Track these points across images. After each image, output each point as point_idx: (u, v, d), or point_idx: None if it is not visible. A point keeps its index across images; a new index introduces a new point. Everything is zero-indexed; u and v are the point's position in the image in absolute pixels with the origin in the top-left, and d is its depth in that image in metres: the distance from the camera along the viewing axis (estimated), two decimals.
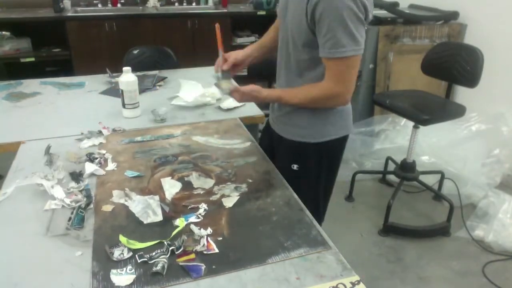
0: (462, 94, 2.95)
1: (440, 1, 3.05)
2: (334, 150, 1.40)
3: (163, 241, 0.97)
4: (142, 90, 1.95)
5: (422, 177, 2.50)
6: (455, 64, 2.35)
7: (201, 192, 1.19)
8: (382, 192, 2.72)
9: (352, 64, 1.16)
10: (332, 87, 1.20)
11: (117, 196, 1.16)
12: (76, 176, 1.25)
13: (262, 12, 4.03)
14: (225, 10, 4.04)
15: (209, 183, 1.24)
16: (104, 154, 1.38)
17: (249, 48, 1.50)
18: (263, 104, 1.83)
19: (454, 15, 2.95)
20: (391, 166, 2.69)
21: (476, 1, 2.87)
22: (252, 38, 4.17)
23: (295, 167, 1.37)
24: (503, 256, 2.10)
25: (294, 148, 1.37)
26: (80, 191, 1.18)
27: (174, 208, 1.11)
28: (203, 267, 0.90)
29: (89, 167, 1.29)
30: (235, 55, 1.46)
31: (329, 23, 1.09)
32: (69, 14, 3.66)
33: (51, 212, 1.10)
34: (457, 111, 2.29)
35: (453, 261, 2.10)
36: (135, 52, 2.66)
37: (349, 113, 1.38)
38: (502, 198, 2.30)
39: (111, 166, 1.32)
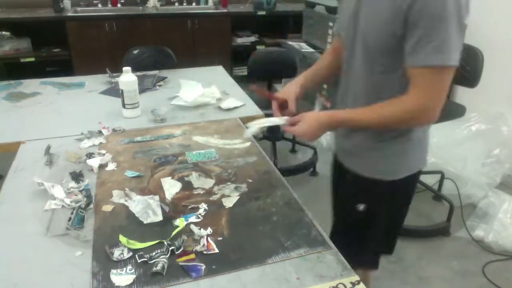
0: (462, 94, 2.95)
1: None
2: (408, 187, 1.19)
3: (163, 241, 0.97)
4: (142, 90, 1.95)
5: (422, 177, 2.49)
6: None
7: (201, 192, 1.19)
8: None
9: (449, 75, 0.95)
10: (422, 101, 0.96)
11: (117, 196, 1.16)
12: (76, 176, 1.25)
13: (262, 12, 4.03)
14: (225, 10, 4.04)
15: (209, 183, 1.24)
16: (104, 154, 1.38)
17: (302, 80, 1.29)
18: (263, 105, 1.82)
19: None
20: None
21: (476, 1, 2.87)
22: (252, 38, 4.17)
23: (361, 207, 1.18)
24: (503, 256, 2.10)
25: (362, 185, 1.17)
26: (80, 191, 1.18)
27: (174, 208, 1.11)
28: (203, 267, 0.90)
29: (94, 162, 1.31)
30: (293, 97, 1.23)
31: (431, 23, 0.89)
32: (69, 14, 3.66)
33: (51, 212, 1.10)
34: (457, 111, 2.28)
35: (453, 261, 2.10)
36: (135, 52, 2.66)
37: (428, 141, 1.17)
38: (502, 198, 2.29)
39: (111, 166, 1.32)
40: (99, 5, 4.03)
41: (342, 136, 1.22)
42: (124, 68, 1.67)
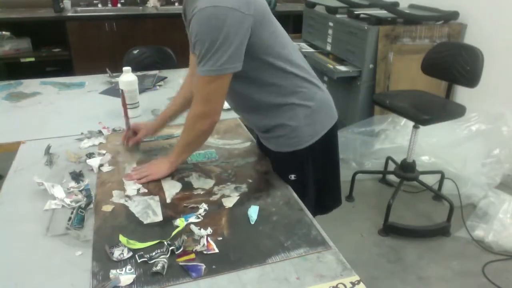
0: (462, 94, 2.95)
1: (440, 1, 3.05)
2: (327, 143, 1.31)
3: (163, 241, 0.97)
4: (142, 90, 1.95)
5: (422, 177, 2.50)
6: (455, 64, 2.34)
7: (201, 192, 1.19)
8: (382, 192, 2.72)
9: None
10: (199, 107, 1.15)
11: (117, 196, 1.16)
12: (76, 176, 1.25)
13: None
14: None
15: (209, 183, 1.24)
16: (104, 154, 1.38)
17: (162, 117, 1.48)
18: None
19: (454, 15, 2.95)
20: (391, 166, 2.69)
21: (476, 1, 2.87)
22: None
23: (292, 177, 1.26)
24: (503, 256, 2.10)
25: (287, 159, 1.27)
26: (80, 191, 1.18)
27: (174, 208, 1.11)
28: (203, 267, 0.90)
29: (94, 161, 1.32)
30: (145, 131, 1.45)
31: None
32: (69, 14, 3.66)
33: (51, 212, 1.10)
34: (457, 111, 2.28)
35: (453, 261, 2.10)
36: (135, 52, 2.66)
37: (324, 103, 1.28)
38: (502, 198, 2.29)
39: (106, 167, 1.32)
40: (99, 5, 4.03)
41: (256, 130, 1.38)
42: (124, 68, 1.67)
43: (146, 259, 0.92)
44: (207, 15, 0.98)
